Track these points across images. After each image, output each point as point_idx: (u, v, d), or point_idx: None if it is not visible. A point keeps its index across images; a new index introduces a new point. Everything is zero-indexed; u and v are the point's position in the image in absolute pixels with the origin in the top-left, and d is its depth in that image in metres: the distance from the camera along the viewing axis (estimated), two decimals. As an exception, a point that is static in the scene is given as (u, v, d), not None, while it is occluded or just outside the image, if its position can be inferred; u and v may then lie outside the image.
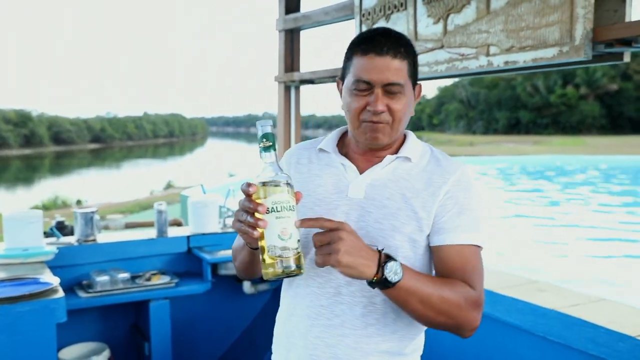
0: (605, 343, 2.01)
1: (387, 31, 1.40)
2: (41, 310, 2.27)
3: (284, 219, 1.22)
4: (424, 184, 1.42)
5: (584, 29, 2.02)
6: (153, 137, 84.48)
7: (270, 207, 1.22)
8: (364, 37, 1.39)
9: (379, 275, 1.22)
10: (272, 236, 1.22)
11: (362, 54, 1.37)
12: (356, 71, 1.37)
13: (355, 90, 1.38)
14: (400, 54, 1.36)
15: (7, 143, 56.01)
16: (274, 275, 1.23)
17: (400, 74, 1.36)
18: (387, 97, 1.37)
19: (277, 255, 1.21)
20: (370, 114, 1.37)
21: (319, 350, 1.40)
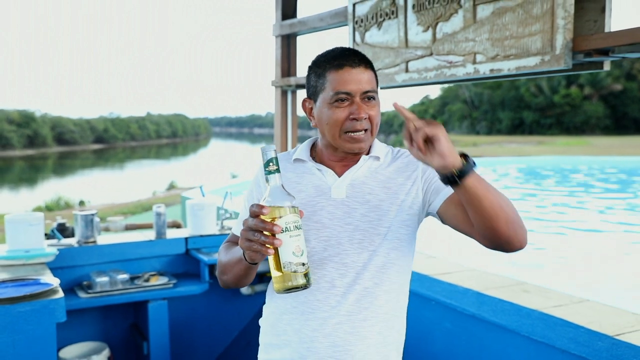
0: (585, 342, 2.09)
1: (350, 48, 1.55)
2: (41, 310, 2.35)
3: (296, 237, 1.32)
4: (398, 174, 1.57)
5: (564, 39, 2.09)
6: (156, 137, 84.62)
7: (284, 227, 1.31)
8: (333, 56, 1.51)
9: (464, 161, 1.29)
10: (287, 253, 1.31)
11: (337, 69, 1.48)
12: (335, 85, 1.48)
13: (335, 103, 1.49)
14: (369, 66, 1.52)
15: (10, 144, 56.17)
16: (286, 289, 1.33)
17: (372, 82, 1.52)
18: (365, 105, 1.50)
19: (292, 271, 1.32)
20: (353, 123, 1.48)
21: (316, 342, 1.49)
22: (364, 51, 3.11)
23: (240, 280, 1.56)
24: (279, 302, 1.58)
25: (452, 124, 58.69)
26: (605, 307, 2.32)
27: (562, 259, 8.50)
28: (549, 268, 7.98)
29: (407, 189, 1.55)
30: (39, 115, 64.05)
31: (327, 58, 1.52)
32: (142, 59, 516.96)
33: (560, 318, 2.19)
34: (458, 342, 2.68)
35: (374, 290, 1.51)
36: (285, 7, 3.95)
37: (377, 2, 3.00)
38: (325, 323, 1.49)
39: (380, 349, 1.53)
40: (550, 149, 35.65)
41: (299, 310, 1.52)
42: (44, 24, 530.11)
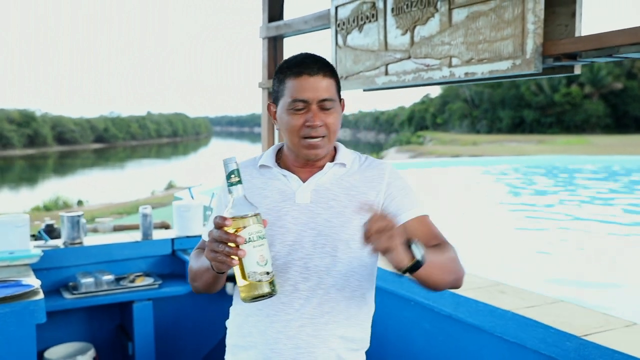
0: (554, 343, 2.11)
1: (313, 55, 1.56)
2: (21, 312, 2.38)
3: (260, 247, 1.35)
4: (364, 183, 1.61)
5: (534, 44, 2.11)
6: (157, 136, 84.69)
7: (247, 237, 1.33)
8: (294, 62, 1.53)
9: (411, 259, 1.33)
10: (251, 263, 1.34)
11: (295, 76, 1.51)
12: (292, 92, 1.51)
13: (293, 109, 1.52)
14: (328, 73, 1.53)
15: (10, 143, 56.27)
16: (252, 298, 1.35)
17: (331, 90, 1.53)
18: (322, 113, 1.52)
19: (257, 280, 1.34)
20: (309, 130, 1.51)
21: (280, 343, 1.53)
22: (346, 54, 3.14)
23: (210, 287, 1.60)
24: (245, 305, 1.62)
25: (452, 123, 58.70)
26: (577, 308, 2.34)
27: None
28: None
29: (370, 198, 1.58)
30: (40, 114, 64.15)
31: (288, 64, 1.54)
32: (142, 58, 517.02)
33: (531, 319, 2.21)
34: (436, 342, 2.70)
35: (336, 296, 1.54)
36: (272, 10, 3.97)
37: (358, 5, 3.03)
38: (288, 325, 1.53)
39: (342, 353, 1.56)
40: (551, 148, 35.65)
41: (264, 313, 1.56)
42: (44, 24, 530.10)
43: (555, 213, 12.44)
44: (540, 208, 13.20)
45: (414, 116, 67.85)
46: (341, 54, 3.18)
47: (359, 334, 1.61)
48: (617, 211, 12.69)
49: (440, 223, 1.65)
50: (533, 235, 10.27)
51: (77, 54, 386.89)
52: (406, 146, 45.68)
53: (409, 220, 1.57)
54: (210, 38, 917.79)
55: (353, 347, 1.59)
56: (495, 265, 7.88)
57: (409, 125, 67.15)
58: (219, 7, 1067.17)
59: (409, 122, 68.35)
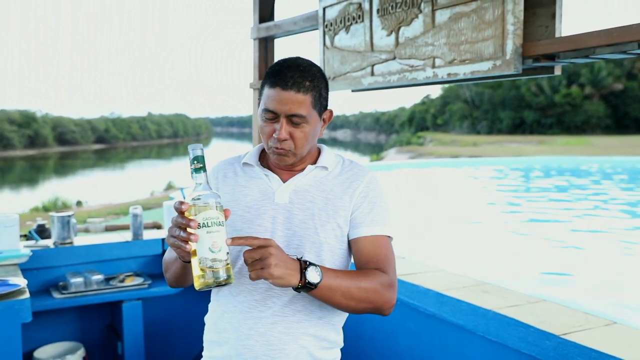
0: (534, 342, 2.12)
1: (296, 64, 1.54)
2: (7, 311, 2.40)
3: (214, 233, 1.34)
4: (341, 187, 1.62)
5: (514, 45, 2.12)
6: (157, 137, 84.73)
7: (202, 222, 1.33)
8: (274, 70, 1.53)
9: (303, 281, 1.38)
10: (203, 249, 1.34)
11: (270, 86, 1.52)
12: (265, 101, 1.53)
13: (264, 117, 1.54)
14: (304, 87, 1.51)
15: (11, 144, 56.32)
16: (205, 285, 1.34)
17: (303, 105, 1.51)
18: (290, 126, 1.53)
19: (208, 267, 1.33)
20: (275, 141, 1.53)
21: (251, 339, 1.54)
22: (334, 55, 3.16)
23: (179, 279, 1.61)
24: (221, 301, 1.63)
25: (452, 124, 58.70)
26: (558, 307, 2.35)
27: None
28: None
29: (344, 203, 1.60)
30: (40, 115, 64.19)
31: (270, 71, 1.54)
32: (142, 58, 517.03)
33: (512, 318, 2.22)
34: (420, 341, 2.72)
35: (308, 296, 1.55)
36: (263, 11, 3.99)
37: (345, 7, 3.05)
38: (260, 322, 1.54)
39: (314, 351, 1.58)
40: (550, 149, 35.65)
41: (238, 309, 1.57)
42: (44, 24, 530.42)
43: (551, 214, 12.46)
44: (534, 209, 13.23)
45: (415, 117, 67.87)
46: (329, 54, 3.20)
47: (331, 334, 1.63)
48: (616, 213, 12.71)
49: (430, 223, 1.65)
50: (527, 237, 10.29)
51: (77, 54, 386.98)
52: (406, 147, 45.71)
53: (363, 236, 1.58)
54: (210, 38, 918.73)
55: (325, 345, 1.61)
56: (493, 265, 7.91)
57: (409, 126, 67.17)
58: (219, 7, 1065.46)
59: (409, 123, 68.37)
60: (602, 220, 11.55)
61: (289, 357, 1.54)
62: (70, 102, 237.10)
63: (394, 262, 1.60)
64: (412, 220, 11.27)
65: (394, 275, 1.57)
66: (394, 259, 1.60)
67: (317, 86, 1.54)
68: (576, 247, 9.38)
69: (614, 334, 2.08)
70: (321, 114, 1.59)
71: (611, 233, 10.36)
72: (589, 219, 11.80)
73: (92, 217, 11.90)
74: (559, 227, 10.92)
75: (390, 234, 1.61)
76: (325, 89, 1.59)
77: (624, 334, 2.09)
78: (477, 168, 23.01)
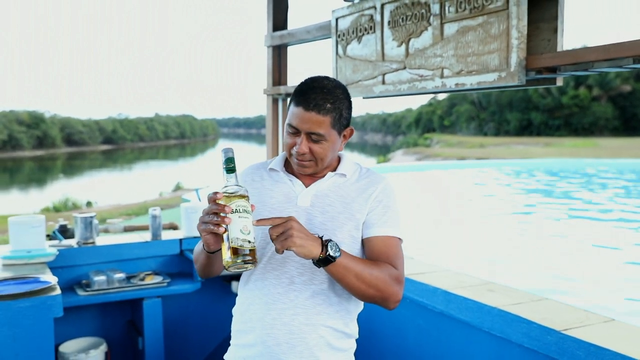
0: (536, 337, 2.26)
1: (321, 86, 1.69)
2: (39, 306, 2.55)
3: (244, 218, 1.52)
4: (358, 192, 1.77)
5: (518, 57, 2.26)
6: (164, 138, 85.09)
7: (234, 208, 1.51)
8: (301, 90, 1.69)
9: (324, 253, 1.54)
10: (235, 230, 1.51)
11: (295, 105, 1.69)
12: (290, 117, 1.70)
13: (288, 131, 1.71)
14: (324, 110, 1.66)
15: (20, 144, 56.72)
16: (234, 263, 1.51)
17: (323, 125, 1.67)
18: (310, 142, 1.69)
19: (239, 245, 1.50)
20: (295, 153, 1.71)
21: (275, 328, 1.70)
22: (346, 63, 3.30)
23: (206, 269, 1.77)
24: (248, 294, 1.79)
25: (459, 125, 58.72)
26: (560, 305, 2.49)
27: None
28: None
29: (359, 207, 1.75)
30: (48, 116, 64.56)
31: (297, 90, 1.70)
32: (150, 59, 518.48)
33: (516, 315, 2.36)
34: (429, 337, 2.86)
35: (327, 291, 1.72)
36: (276, 19, 4.14)
37: (357, 17, 3.19)
38: (283, 313, 1.70)
39: (332, 341, 1.73)
40: (558, 151, 35.64)
41: (263, 302, 1.73)
42: (52, 26, 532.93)
43: (548, 217, 12.55)
44: (534, 209, 13.32)
45: (421, 118, 67.89)
46: (341, 63, 3.34)
47: (348, 326, 1.79)
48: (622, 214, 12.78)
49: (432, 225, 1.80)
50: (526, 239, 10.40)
51: (86, 55, 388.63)
52: (413, 148, 45.76)
53: (375, 235, 1.73)
54: (218, 39, 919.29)
55: (342, 336, 1.77)
56: (501, 266, 8.02)
57: (416, 128, 67.20)
58: (228, 9, 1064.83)
59: (416, 125, 68.40)
60: (609, 224, 11.64)
61: (309, 345, 1.70)
62: (78, 103, 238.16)
63: (403, 261, 1.75)
64: (417, 222, 11.40)
65: (403, 273, 1.73)
66: (403, 259, 1.76)
67: (337, 108, 1.69)
68: (582, 249, 9.49)
69: (613, 330, 2.22)
70: (341, 132, 1.75)
71: (618, 238, 10.45)
72: (595, 220, 11.89)
73: (104, 219, 12.07)
74: (563, 229, 11.02)
75: (401, 237, 1.77)
76: (347, 109, 1.73)
77: (622, 330, 2.22)
78: (482, 170, 23.09)
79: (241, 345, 1.80)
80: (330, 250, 1.54)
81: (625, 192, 16.60)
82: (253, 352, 1.74)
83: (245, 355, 1.77)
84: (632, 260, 8.69)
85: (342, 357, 1.77)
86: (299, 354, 1.69)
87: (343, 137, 1.77)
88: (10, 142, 55.86)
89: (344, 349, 1.78)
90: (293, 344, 1.69)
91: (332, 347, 1.74)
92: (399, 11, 2.88)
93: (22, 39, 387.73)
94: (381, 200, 1.76)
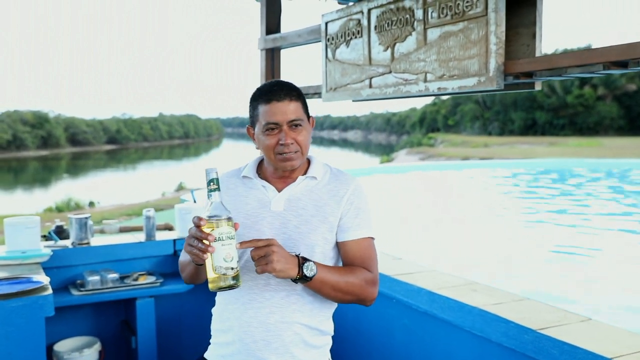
0: (514, 336, 2.31)
1: (279, 82, 1.81)
2: (31, 305, 2.61)
3: (227, 246, 1.60)
4: (329, 195, 1.85)
5: (496, 63, 2.31)
6: (168, 138, 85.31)
7: (217, 237, 1.60)
8: (264, 91, 1.78)
9: (300, 274, 1.65)
10: (218, 259, 1.60)
11: (266, 103, 1.76)
12: (265, 117, 1.77)
13: (267, 131, 1.78)
14: (294, 97, 1.78)
15: (24, 144, 56.96)
16: (218, 288, 1.62)
17: (298, 111, 1.78)
18: (292, 132, 1.77)
19: (222, 274, 1.60)
20: (283, 147, 1.77)
21: (252, 326, 1.78)
22: (335, 67, 3.35)
23: (193, 278, 1.86)
24: (225, 295, 1.86)
25: (464, 125, 58.70)
26: (540, 304, 2.54)
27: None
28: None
29: (332, 210, 1.82)
30: (53, 116, 64.81)
31: (260, 93, 1.80)
32: (154, 59, 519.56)
33: (496, 314, 2.41)
34: (414, 337, 2.91)
35: (301, 291, 1.79)
36: (269, 23, 4.19)
37: (345, 22, 3.24)
38: (259, 312, 1.78)
39: (307, 338, 1.80)
40: (562, 150, 35.62)
41: (240, 301, 1.81)
42: (57, 25, 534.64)
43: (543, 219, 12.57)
44: (534, 210, 13.34)
45: (426, 118, 67.88)
46: (330, 66, 3.39)
47: (322, 324, 1.85)
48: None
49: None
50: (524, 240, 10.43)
51: (90, 55, 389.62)
52: (417, 148, 45.76)
53: (350, 240, 1.82)
54: (219, 39, 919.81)
55: (317, 333, 1.84)
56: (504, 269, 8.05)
57: (420, 127, 67.20)
58: (228, 9, 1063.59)
59: (420, 124, 68.39)
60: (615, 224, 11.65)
61: (284, 342, 1.77)
62: (82, 103, 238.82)
63: (377, 260, 1.85)
64: (416, 222, 11.45)
65: (377, 273, 1.82)
66: (377, 258, 1.85)
67: (301, 95, 1.82)
68: (582, 248, 9.52)
69: (589, 329, 2.27)
70: (309, 119, 1.85)
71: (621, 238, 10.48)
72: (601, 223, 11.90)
73: (105, 218, 12.16)
74: (566, 231, 11.04)
75: (373, 235, 1.86)
76: (305, 100, 1.85)
77: (598, 329, 2.27)
78: (481, 170, 23.11)
79: (220, 344, 1.87)
80: (305, 270, 1.65)
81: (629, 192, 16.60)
82: (231, 350, 1.81)
83: (224, 353, 1.84)
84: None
85: (317, 353, 1.84)
86: (274, 350, 1.76)
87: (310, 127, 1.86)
88: (14, 142, 56.10)
89: (318, 345, 1.84)
90: (269, 341, 1.76)
91: (307, 343, 1.80)
92: (384, 16, 2.93)
93: (26, 39, 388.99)
94: (352, 202, 1.83)
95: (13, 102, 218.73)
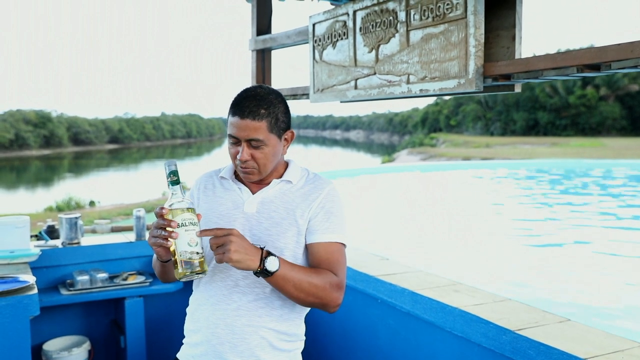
0: (493, 336, 2.33)
1: (254, 94, 1.76)
2: (16, 305, 2.63)
3: (190, 231, 1.62)
4: (302, 198, 1.84)
5: (475, 65, 2.32)
6: (171, 137, 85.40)
7: (180, 222, 1.61)
8: (236, 101, 1.77)
9: (261, 267, 1.62)
10: (182, 244, 1.61)
11: (232, 115, 1.77)
12: (229, 127, 1.78)
13: (229, 141, 1.80)
14: (259, 115, 1.73)
15: (27, 144, 57.07)
16: (184, 275, 1.62)
17: (260, 131, 1.73)
18: (251, 149, 1.76)
19: (187, 259, 1.61)
20: (239, 162, 1.78)
21: (219, 328, 1.79)
22: (322, 68, 3.37)
23: (163, 276, 1.91)
24: (197, 295, 1.89)
25: (465, 125, 58.70)
26: (520, 305, 2.55)
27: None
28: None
29: (302, 212, 1.81)
30: (55, 115, 64.92)
31: (234, 101, 1.78)
32: (157, 58, 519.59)
33: (475, 315, 2.42)
34: (398, 337, 2.92)
35: (269, 295, 1.79)
36: (260, 24, 4.20)
37: (332, 24, 3.25)
38: (226, 314, 1.78)
39: (275, 343, 1.80)
40: (563, 151, 35.60)
41: (210, 303, 1.82)
42: (59, 24, 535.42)
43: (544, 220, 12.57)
44: (534, 211, 13.34)
45: (428, 118, 67.90)
46: (318, 67, 3.41)
47: (291, 328, 1.85)
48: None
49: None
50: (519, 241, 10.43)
51: (93, 54, 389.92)
52: (418, 148, 45.77)
53: (317, 242, 1.79)
54: (220, 38, 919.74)
55: (285, 338, 1.83)
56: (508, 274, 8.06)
57: (422, 127, 67.22)
58: (228, 9, 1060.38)
59: (422, 124, 68.40)
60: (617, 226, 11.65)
61: (250, 345, 1.77)
62: (85, 102, 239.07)
63: (345, 267, 1.82)
64: (414, 223, 11.46)
65: (344, 278, 1.79)
66: (345, 264, 1.82)
67: (272, 112, 1.75)
68: (585, 252, 9.52)
69: (566, 330, 2.28)
70: (281, 136, 1.81)
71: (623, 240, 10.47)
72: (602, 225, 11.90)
73: (102, 218, 12.18)
74: (567, 233, 11.04)
75: (344, 242, 1.83)
76: (283, 113, 1.79)
77: (575, 329, 2.29)
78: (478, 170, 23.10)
79: (191, 344, 1.89)
80: (266, 264, 1.61)
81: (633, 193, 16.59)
82: (199, 351, 1.83)
83: (193, 353, 1.86)
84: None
85: (286, 357, 1.84)
86: (240, 353, 1.77)
87: (285, 141, 1.83)
88: (17, 141, 56.22)
89: (287, 349, 1.84)
90: (235, 344, 1.77)
91: (275, 347, 1.80)
92: (369, 18, 2.95)
93: (28, 38, 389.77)
94: (324, 206, 1.82)
95: (16, 102, 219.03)
